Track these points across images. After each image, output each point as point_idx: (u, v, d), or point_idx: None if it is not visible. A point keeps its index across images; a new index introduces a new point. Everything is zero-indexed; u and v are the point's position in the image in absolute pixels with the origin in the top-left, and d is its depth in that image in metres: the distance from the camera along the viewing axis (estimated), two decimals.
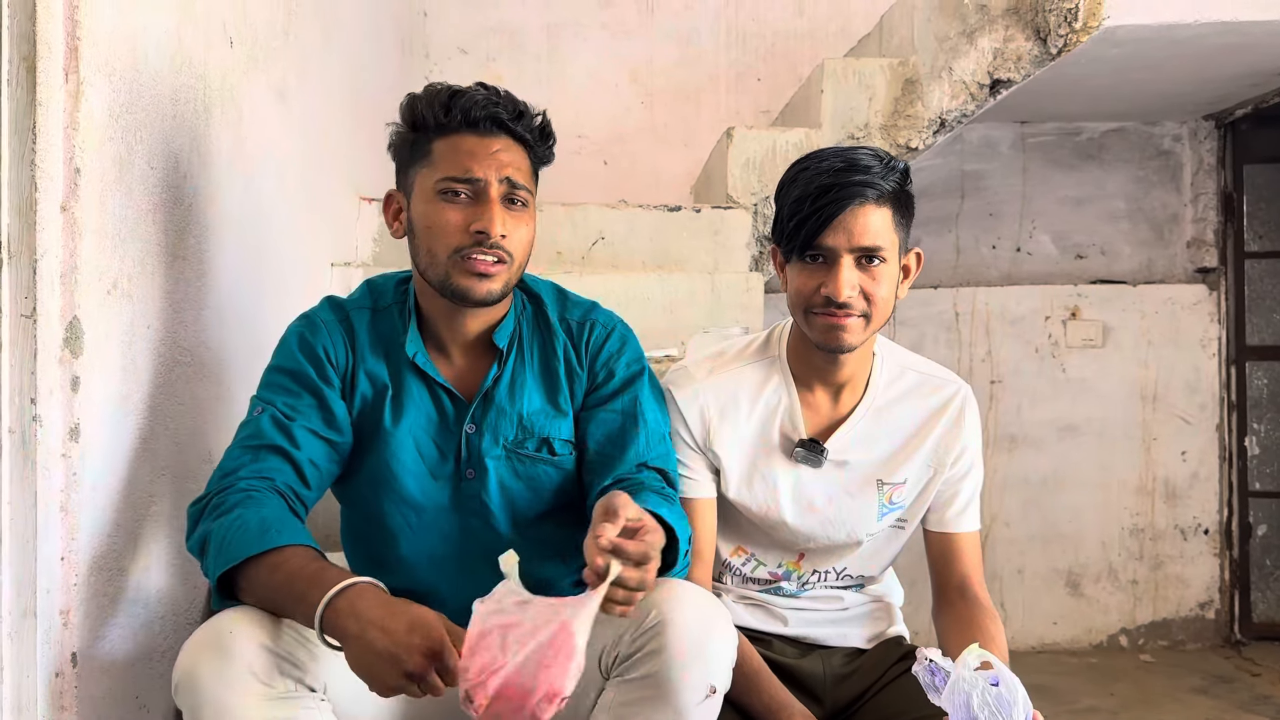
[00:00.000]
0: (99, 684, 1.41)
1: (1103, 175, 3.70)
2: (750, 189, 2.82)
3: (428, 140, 1.42)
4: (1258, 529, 3.64)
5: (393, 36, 3.33)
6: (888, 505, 1.60)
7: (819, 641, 1.65)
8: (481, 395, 1.48)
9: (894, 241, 1.47)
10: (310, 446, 1.43)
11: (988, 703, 1.22)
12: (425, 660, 1.11)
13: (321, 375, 1.46)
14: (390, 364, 1.49)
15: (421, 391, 1.48)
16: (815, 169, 1.47)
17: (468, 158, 1.40)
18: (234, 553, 1.25)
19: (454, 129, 1.41)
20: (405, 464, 1.47)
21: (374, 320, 1.51)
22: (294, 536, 1.27)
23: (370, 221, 2.81)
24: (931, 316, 3.63)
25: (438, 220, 1.40)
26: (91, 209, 1.36)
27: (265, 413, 1.43)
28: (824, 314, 1.47)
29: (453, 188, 1.40)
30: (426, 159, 1.42)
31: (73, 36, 1.31)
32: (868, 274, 1.46)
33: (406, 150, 1.46)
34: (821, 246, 1.46)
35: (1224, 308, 3.64)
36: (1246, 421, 3.63)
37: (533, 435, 1.48)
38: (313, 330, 1.49)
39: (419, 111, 1.41)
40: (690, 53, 3.81)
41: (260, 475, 1.38)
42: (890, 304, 1.50)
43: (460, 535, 1.49)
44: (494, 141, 1.41)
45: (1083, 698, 3.13)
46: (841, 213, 1.44)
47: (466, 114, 1.40)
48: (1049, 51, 2.62)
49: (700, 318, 2.61)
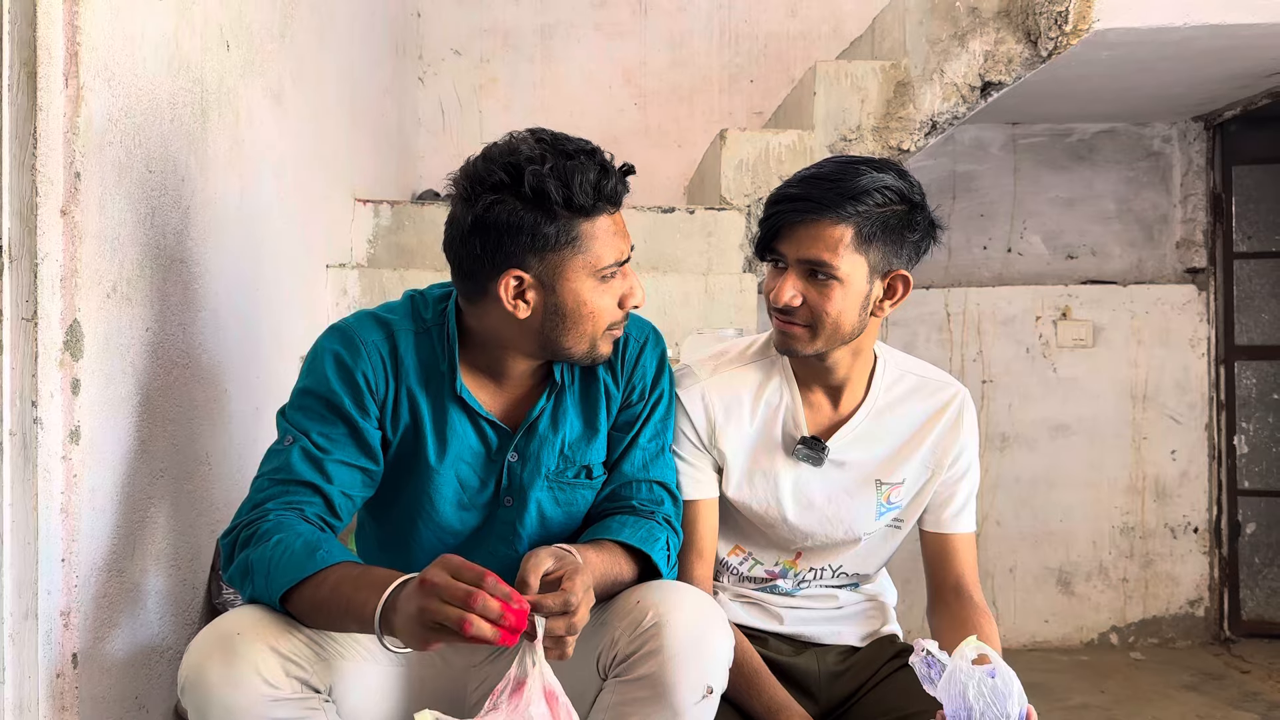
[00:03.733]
0: (99, 684, 1.42)
1: (1093, 176, 3.73)
2: (744, 190, 2.84)
3: (571, 224, 1.33)
4: (1247, 527, 3.67)
5: (386, 38, 3.34)
6: (885, 505, 1.62)
7: (814, 639, 1.67)
8: (527, 425, 1.45)
9: (855, 262, 1.46)
10: (343, 479, 1.38)
11: (983, 694, 1.23)
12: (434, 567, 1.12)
13: (358, 404, 1.39)
14: (431, 391, 1.43)
15: (464, 423, 1.44)
16: (795, 177, 1.50)
17: (620, 239, 1.38)
18: (286, 577, 1.24)
19: (600, 211, 1.35)
20: (446, 496, 1.45)
21: (418, 342, 1.44)
22: (342, 555, 1.27)
23: (365, 223, 2.82)
24: (923, 317, 3.65)
25: (599, 304, 1.37)
26: (91, 213, 1.36)
27: (296, 445, 1.37)
28: (775, 316, 1.52)
29: (612, 271, 1.38)
30: (574, 244, 1.33)
31: (72, 42, 1.32)
32: (816, 288, 1.47)
33: (537, 233, 1.32)
34: (775, 251, 1.49)
35: (1213, 308, 3.67)
36: (1235, 420, 3.66)
37: (574, 464, 1.47)
38: (353, 352, 1.40)
39: (552, 193, 1.30)
40: (683, 54, 3.82)
41: (291, 506, 1.34)
42: (849, 321, 1.49)
43: (484, 559, 1.47)
44: (619, 211, 1.40)
45: (1074, 695, 3.15)
46: (792, 223, 1.46)
47: (612, 196, 1.35)
48: (1039, 54, 2.64)
49: (694, 319, 2.63)
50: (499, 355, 1.43)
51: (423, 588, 1.12)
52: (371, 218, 2.83)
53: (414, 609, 1.12)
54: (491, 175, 1.32)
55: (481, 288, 1.37)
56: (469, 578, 1.11)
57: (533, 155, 1.31)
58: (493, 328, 1.40)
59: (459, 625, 1.08)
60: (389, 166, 3.33)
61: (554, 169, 1.30)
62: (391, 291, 2.57)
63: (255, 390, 1.98)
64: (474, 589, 1.09)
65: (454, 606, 1.09)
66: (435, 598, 1.10)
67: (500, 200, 1.31)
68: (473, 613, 1.08)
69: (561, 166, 1.30)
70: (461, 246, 1.36)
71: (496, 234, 1.32)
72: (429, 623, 1.10)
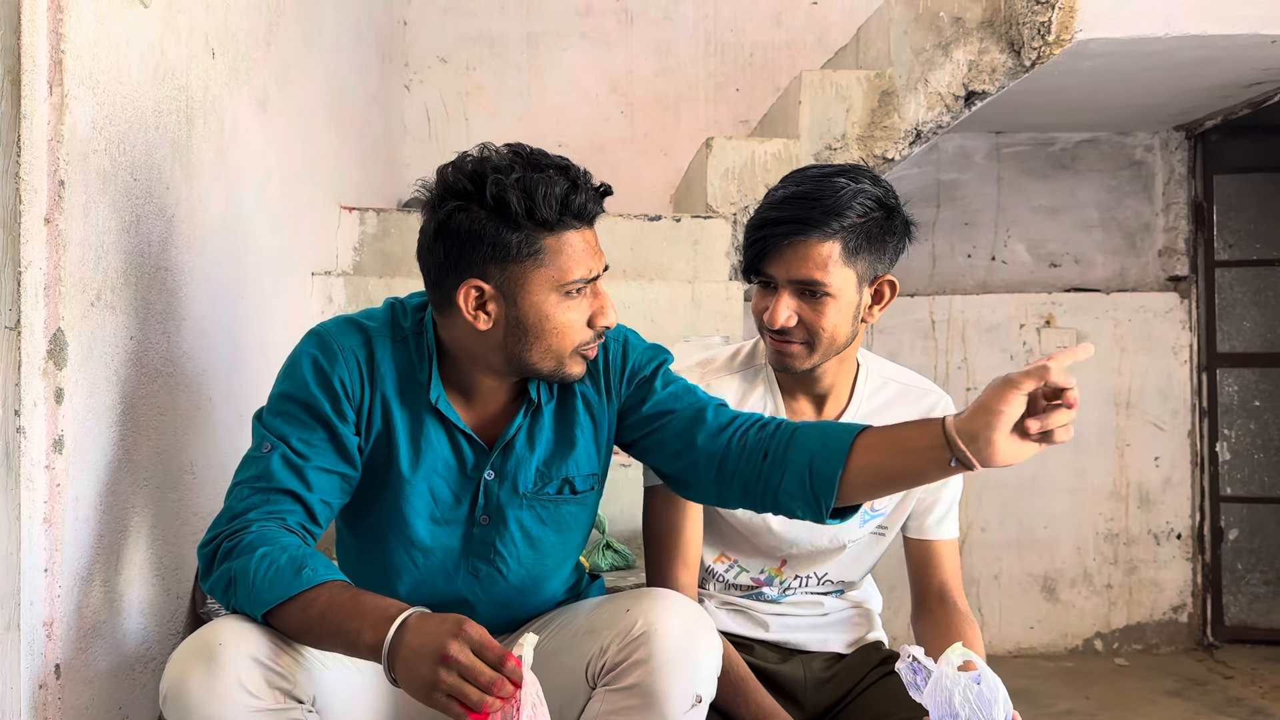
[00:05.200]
0: (82, 695, 1.41)
1: (1076, 185, 3.75)
2: (730, 198, 2.85)
3: (534, 236, 1.32)
4: (1229, 533, 3.69)
5: (372, 45, 3.34)
6: (870, 512, 1.63)
7: (800, 647, 1.67)
8: (503, 444, 1.43)
9: (845, 275, 1.47)
10: (322, 485, 1.36)
11: (969, 700, 1.24)
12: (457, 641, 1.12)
13: (336, 409, 1.37)
14: (407, 400, 1.41)
15: (440, 435, 1.42)
16: (772, 197, 1.50)
17: (588, 256, 1.35)
18: (272, 594, 1.23)
19: (567, 226, 1.33)
20: (418, 509, 1.42)
21: (395, 350, 1.42)
22: (329, 573, 1.25)
23: (351, 231, 2.82)
24: (908, 324, 3.67)
25: (564, 320, 1.35)
26: (75, 221, 1.36)
27: (275, 451, 1.35)
28: (770, 336, 1.52)
29: (578, 288, 1.35)
30: (536, 257, 1.32)
31: (57, 49, 1.31)
32: (809, 305, 1.48)
33: (498, 243, 1.31)
34: (764, 273, 1.49)
35: (1195, 315, 3.70)
36: (1218, 427, 3.69)
37: (553, 479, 1.45)
38: (330, 357, 1.38)
39: (513, 203, 1.29)
40: (670, 63, 3.84)
41: (272, 516, 1.33)
42: (843, 333, 1.50)
43: (466, 577, 1.46)
44: (592, 229, 1.37)
45: (1060, 701, 3.16)
46: (780, 246, 1.46)
47: (580, 212, 1.33)
48: (1023, 64, 2.66)
49: (680, 327, 2.63)
50: (468, 369, 1.42)
51: (445, 662, 1.11)
52: (357, 225, 2.82)
53: (430, 677, 1.12)
54: (458, 183, 1.32)
55: (447, 297, 1.36)
56: (492, 659, 1.11)
57: (500, 165, 1.31)
58: (460, 340, 1.39)
59: (478, 707, 1.10)
60: (375, 174, 3.33)
61: (519, 180, 1.29)
62: (377, 299, 2.54)
63: (239, 399, 1.97)
64: (497, 676, 1.10)
65: (475, 689, 1.10)
66: (456, 673, 1.11)
67: (463, 208, 1.31)
68: (493, 696, 1.10)
69: (528, 179, 1.30)
70: (428, 254, 1.37)
71: (458, 242, 1.32)
72: (443, 694, 1.11)
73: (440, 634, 1.13)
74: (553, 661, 1.35)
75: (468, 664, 1.10)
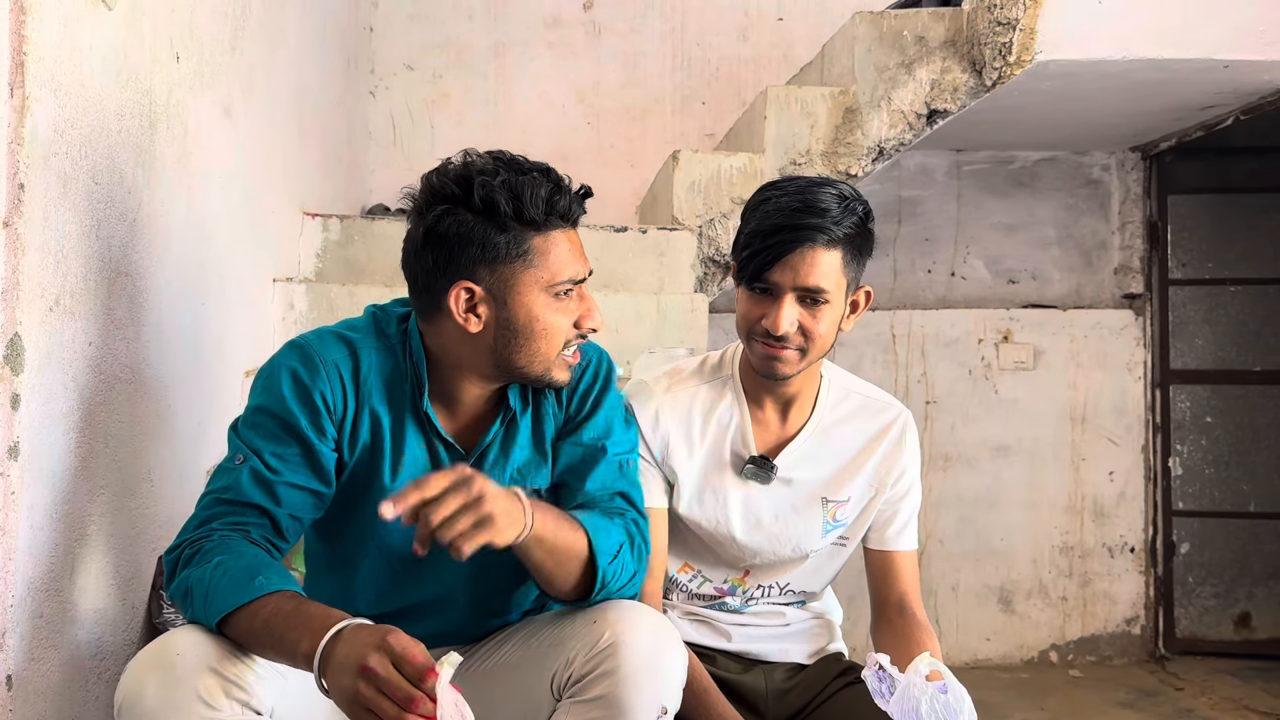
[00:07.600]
0: (34, 707, 1.39)
1: (1034, 203, 3.82)
2: (696, 211, 2.86)
3: (522, 236, 1.34)
4: (1181, 547, 3.76)
5: (338, 52, 3.32)
6: (831, 522, 1.64)
7: (761, 657, 1.68)
8: (479, 451, 1.44)
9: (841, 283, 1.51)
10: (292, 501, 1.35)
11: (936, 710, 1.25)
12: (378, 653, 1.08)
13: (315, 425, 1.36)
14: (393, 408, 1.42)
15: (419, 441, 1.43)
16: (775, 205, 1.50)
17: (575, 258, 1.37)
18: (224, 602, 1.21)
19: (553, 226, 1.35)
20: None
21: (381, 359, 1.42)
22: (282, 583, 1.23)
23: (314, 237, 2.79)
24: (870, 338, 3.70)
25: (552, 322, 1.37)
26: (35, 225, 1.34)
27: (246, 465, 1.34)
28: (763, 343, 1.52)
29: (567, 289, 1.37)
30: (525, 258, 1.34)
31: (19, 51, 1.30)
32: (809, 312, 1.50)
33: (487, 244, 1.33)
34: (768, 281, 1.50)
35: (1149, 333, 3.77)
36: (1170, 443, 3.76)
37: (525, 487, 1.43)
38: (311, 371, 1.37)
39: (501, 204, 1.31)
40: (637, 75, 3.85)
41: (236, 527, 1.32)
42: (830, 339, 1.53)
43: (433, 584, 1.46)
44: (575, 231, 1.39)
45: (1015, 713, 3.20)
46: (789, 254, 1.47)
47: (565, 213, 1.36)
48: (984, 83, 2.71)
49: (646, 338, 2.64)
50: (453, 376, 1.42)
51: (364, 673, 1.08)
52: (320, 232, 2.80)
53: (351, 689, 1.09)
54: (444, 188, 1.34)
55: (435, 302, 1.37)
56: (411, 674, 1.08)
57: (485, 169, 1.34)
58: (448, 346, 1.40)
59: None
60: (338, 180, 3.31)
61: (505, 182, 1.32)
62: (340, 306, 2.54)
63: (199, 406, 1.95)
64: (415, 693, 1.07)
65: (392, 703, 1.07)
66: (374, 687, 1.08)
67: (451, 211, 1.33)
68: (411, 714, 1.06)
69: (514, 180, 1.32)
70: (415, 261, 1.37)
71: (447, 245, 1.33)
72: (362, 706, 1.08)
73: (364, 645, 1.10)
74: (518, 673, 1.35)
75: (385, 677, 1.07)
